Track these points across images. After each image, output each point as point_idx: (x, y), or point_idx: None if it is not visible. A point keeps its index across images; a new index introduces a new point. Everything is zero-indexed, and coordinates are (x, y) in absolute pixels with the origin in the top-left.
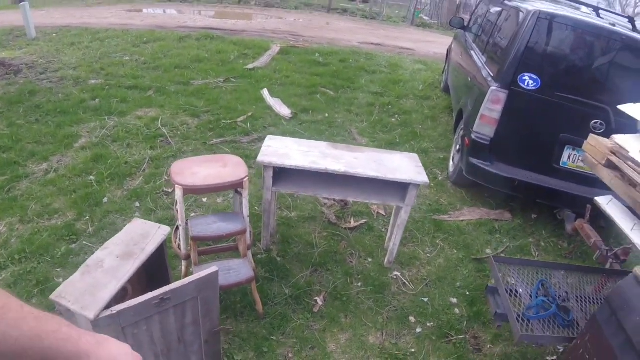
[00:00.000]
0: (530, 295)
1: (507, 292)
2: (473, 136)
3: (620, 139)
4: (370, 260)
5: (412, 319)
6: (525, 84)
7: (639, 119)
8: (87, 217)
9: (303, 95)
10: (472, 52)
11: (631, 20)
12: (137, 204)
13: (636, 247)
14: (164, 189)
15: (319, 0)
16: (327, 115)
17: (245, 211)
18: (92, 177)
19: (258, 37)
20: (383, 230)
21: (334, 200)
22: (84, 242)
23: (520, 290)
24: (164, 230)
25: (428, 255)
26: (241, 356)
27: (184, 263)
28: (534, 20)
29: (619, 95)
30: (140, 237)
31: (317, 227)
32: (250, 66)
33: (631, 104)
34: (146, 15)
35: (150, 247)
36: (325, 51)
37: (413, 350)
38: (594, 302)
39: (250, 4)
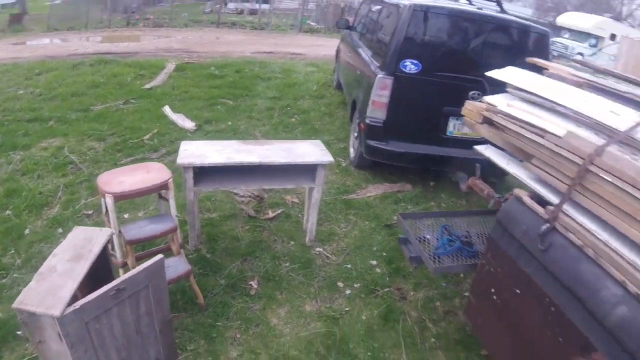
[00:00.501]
0: (437, 239)
1: (416, 239)
2: (367, 121)
3: (489, 99)
4: (292, 242)
5: (340, 284)
6: (408, 69)
7: (505, 81)
8: (13, 251)
9: (204, 108)
10: (359, 49)
11: (499, 3)
12: (60, 230)
13: (513, 175)
14: (84, 212)
15: (207, 16)
16: (229, 123)
17: (173, 211)
18: (8, 212)
19: (152, 57)
20: (299, 215)
21: (250, 196)
22: (15, 275)
23: (428, 236)
24: (105, 232)
25: (344, 229)
26: (193, 345)
27: (121, 272)
28: (410, 12)
29: (491, 68)
30: (84, 241)
31: (239, 222)
32: (148, 86)
33: (497, 70)
34: (35, 46)
35: (97, 248)
36: (220, 64)
37: (347, 309)
38: None
39: (138, 26)
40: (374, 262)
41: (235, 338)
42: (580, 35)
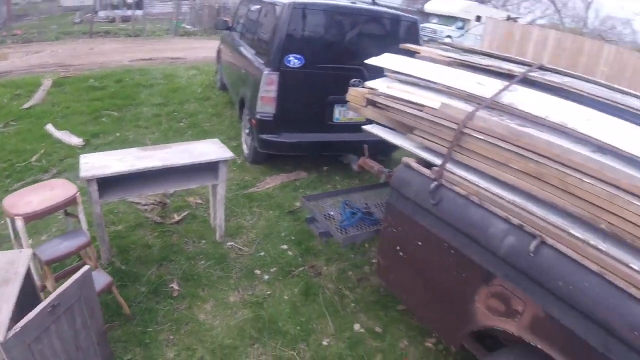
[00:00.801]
0: (341, 214)
1: (322, 216)
2: (258, 116)
3: (371, 83)
4: (204, 241)
5: (257, 271)
6: (292, 63)
7: (383, 66)
8: None
9: (88, 122)
10: (242, 48)
11: None
12: None
13: (400, 146)
14: None
15: (78, 26)
16: (118, 134)
17: (84, 225)
18: None
19: (27, 74)
20: (205, 214)
21: (153, 203)
22: None
23: (332, 213)
24: (26, 253)
25: (250, 222)
26: (129, 355)
27: (42, 295)
28: (289, 10)
29: (369, 56)
30: (7, 264)
31: (147, 231)
32: (26, 105)
33: (375, 57)
34: None
35: (22, 269)
36: (99, 75)
37: (269, 293)
38: None
39: (6, 43)
40: (285, 247)
41: (168, 340)
42: (448, 19)
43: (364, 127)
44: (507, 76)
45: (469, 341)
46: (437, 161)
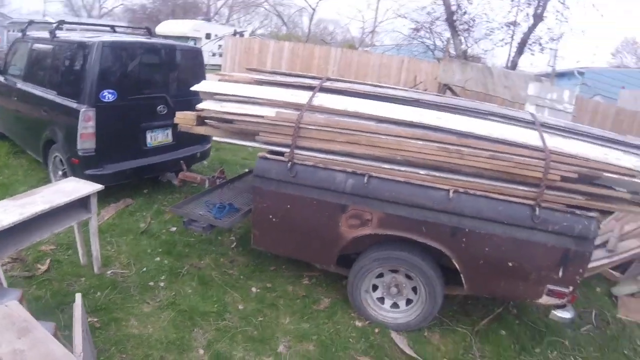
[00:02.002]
0: (210, 211)
1: (196, 214)
2: (80, 154)
3: (202, 105)
4: (83, 278)
5: (151, 283)
6: (106, 98)
7: (208, 91)
8: None
9: None
10: (31, 90)
11: (147, 30)
12: None
13: (251, 147)
14: None
15: None
16: None
17: None
18: None
19: None
20: (66, 256)
21: (10, 262)
22: None
23: (201, 212)
24: None
25: (113, 250)
26: None
27: None
28: (99, 48)
29: (169, 84)
30: None
31: (23, 287)
32: None
33: (198, 85)
34: None
35: None
36: None
37: (173, 294)
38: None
39: None
40: (158, 259)
41: (123, 359)
42: (180, 39)
43: (216, 139)
44: (309, 88)
45: (337, 265)
46: (285, 149)
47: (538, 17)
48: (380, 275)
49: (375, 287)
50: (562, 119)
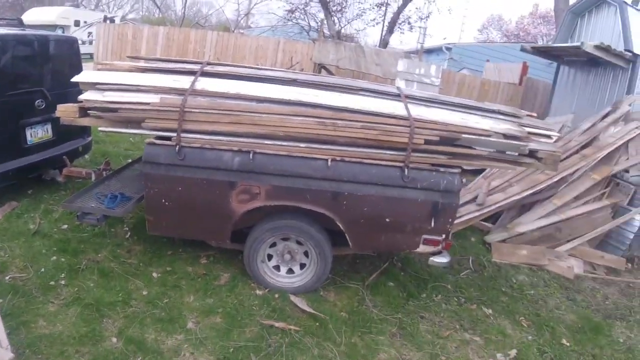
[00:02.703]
0: (102, 202)
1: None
2: None
3: (84, 96)
4: None
5: (52, 283)
6: None
7: (89, 81)
8: None
9: None
10: None
11: (19, 21)
12: None
13: (136, 134)
14: None
15: None
16: None
17: None
18: None
19: None
20: None
21: None
22: None
23: (93, 205)
24: None
25: (7, 255)
26: None
27: None
28: None
29: (47, 78)
30: None
31: None
32: None
33: (78, 76)
34: None
35: None
36: None
37: (76, 289)
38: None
39: None
40: (55, 258)
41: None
42: (48, 28)
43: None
44: (190, 72)
45: (232, 241)
46: (172, 134)
47: None
48: (274, 245)
49: (270, 257)
50: (429, 92)
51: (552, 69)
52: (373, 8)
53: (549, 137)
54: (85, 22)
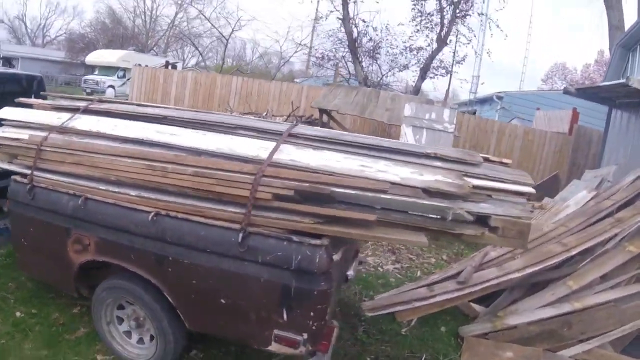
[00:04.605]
0: None
1: None
2: None
3: None
4: None
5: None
6: None
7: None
8: None
9: None
10: None
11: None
12: None
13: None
14: None
15: None
16: None
17: None
18: None
19: None
20: None
21: None
22: None
23: None
24: None
25: None
26: None
27: None
28: None
29: None
30: None
31: None
32: None
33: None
34: None
35: None
36: None
37: None
38: None
39: None
40: None
41: None
42: (109, 69)
43: None
44: (75, 110)
45: (84, 288)
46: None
47: (442, 41)
48: (122, 307)
49: (121, 320)
50: (443, 140)
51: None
52: (404, 52)
53: (520, 194)
54: (146, 65)
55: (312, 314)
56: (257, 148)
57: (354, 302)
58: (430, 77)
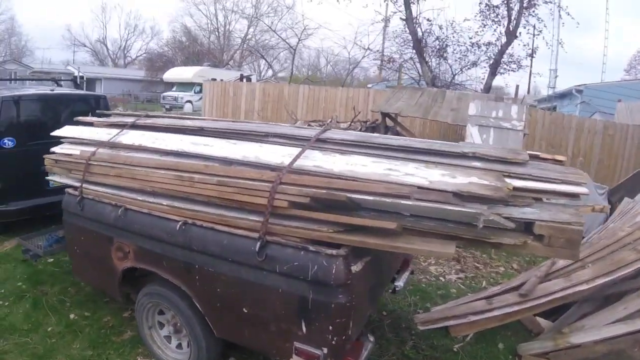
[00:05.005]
0: (47, 241)
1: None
2: None
3: (54, 149)
4: None
5: None
6: (6, 145)
7: (61, 135)
8: None
9: None
10: None
11: (75, 82)
12: None
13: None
14: None
15: None
16: None
17: None
18: None
19: None
20: None
21: None
22: None
23: (40, 243)
24: None
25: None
26: None
27: None
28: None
29: None
30: None
31: None
32: None
33: (57, 130)
34: None
35: None
36: None
37: (8, 311)
38: None
39: None
40: (20, 283)
41: None
42: (186, 85)
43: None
44: (123, 126)
45: (134, 294)
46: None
47: (511, 35)
48: (163, 313)
49: (162, 325)
50: (512, 139)
51: None
52: (470, 49)
53: (574, 196)
54: (221, 80)
55: (330, 327)
56: (282, 155)
57: (407, 314)
58: (501, 73)
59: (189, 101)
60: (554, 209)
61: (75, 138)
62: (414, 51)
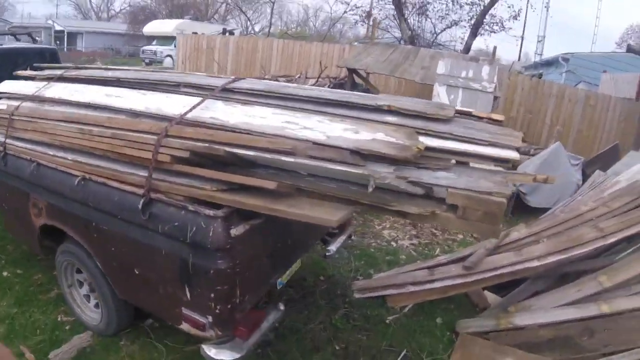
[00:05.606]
0: None
1: None
2: None
3: None
4: None
5: None
6: None
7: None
8: None
9: None
10: None
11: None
12: None
13: None
14: None
15: None
16: None
17: None
18: None
19: None
20: None
21: None
22: None
23: None
24: None
25: None
26: None
27: None
28: None
29: None
30: None
31: None
32: None
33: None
34: None
35: None
36: None
37: None
38: None
39: None
40: None
41: None
42: (166, 39)
43: None
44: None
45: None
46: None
47: None
48: (80, 271)
49: (82, 283)
50: (481, 100)
51: None
52: (452, 8)
53: (501, 160)
54: (203, 34)
55: (212, 295)
56: (183, 106)
57: (346, 280)
58: (481, 34)
59: (169, 55)
60: (476, 175)
61: (11, 93)
62: (394, 7)
